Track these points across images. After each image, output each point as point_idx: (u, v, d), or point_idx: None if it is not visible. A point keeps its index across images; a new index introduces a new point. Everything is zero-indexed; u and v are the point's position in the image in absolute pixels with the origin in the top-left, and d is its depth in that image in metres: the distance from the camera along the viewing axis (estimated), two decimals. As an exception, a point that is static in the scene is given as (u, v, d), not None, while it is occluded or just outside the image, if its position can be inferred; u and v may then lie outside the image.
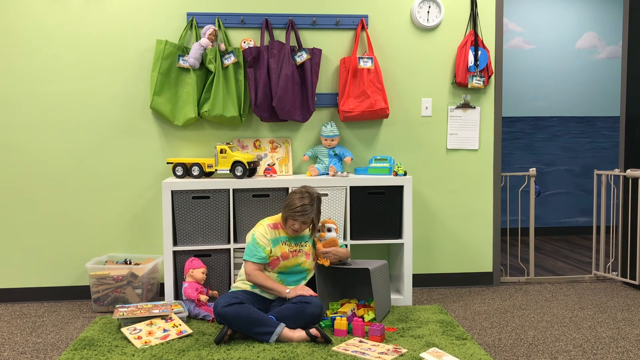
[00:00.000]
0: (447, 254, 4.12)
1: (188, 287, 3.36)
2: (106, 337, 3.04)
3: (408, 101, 4.01)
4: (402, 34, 3.98)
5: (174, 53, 3.73)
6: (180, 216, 3.54)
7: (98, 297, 3.57)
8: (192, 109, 3.72)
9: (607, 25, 6.26)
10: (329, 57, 3.93)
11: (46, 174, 3.80)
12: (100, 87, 3.80)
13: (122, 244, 3.88)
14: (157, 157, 3.87)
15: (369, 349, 2.82)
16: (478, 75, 3.93)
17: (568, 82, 6.29)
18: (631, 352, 2.86)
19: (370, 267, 3.24)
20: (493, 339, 3.07)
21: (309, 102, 3.80)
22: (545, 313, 3.51)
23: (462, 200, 4.09)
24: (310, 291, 3.08)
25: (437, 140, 4.05)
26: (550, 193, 6.39)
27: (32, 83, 3.75)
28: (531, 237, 4.42)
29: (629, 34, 4.24)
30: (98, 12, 3.77)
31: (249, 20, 3.83)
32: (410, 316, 3.37)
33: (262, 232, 3.17)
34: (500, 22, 4.05)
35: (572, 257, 5.22)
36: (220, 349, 2.84)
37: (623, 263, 4.24)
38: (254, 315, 2.91)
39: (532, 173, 4.37)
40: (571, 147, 6.40)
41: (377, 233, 3.71)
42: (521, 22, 6.17)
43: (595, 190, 4.47)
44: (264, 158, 3.88)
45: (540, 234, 6.26)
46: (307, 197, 3.12)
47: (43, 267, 3.83)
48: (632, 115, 4.22)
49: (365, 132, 4.00)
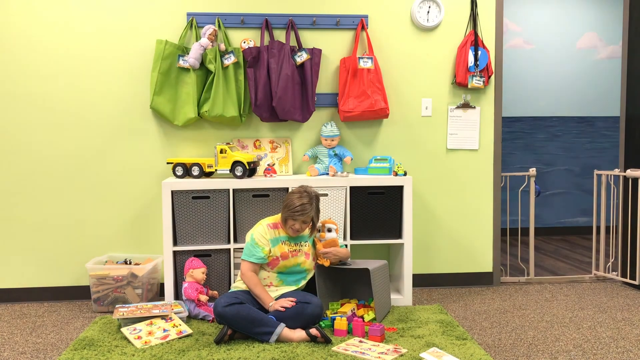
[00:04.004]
0: (447, 254, 4.12)
1: (188, 287, 3.36)
2: (106, 337, 3.04)
3: (408, 101, 4.01)
4: (402, 34, 3.98)
5: (174, 53, 3.73)
6: (180, 216, 3.54)
7: (98, 297, 3.57)
8: (192, 109, 3.72)
9: (607, 25, 6.26)
10: (329, 57, 3.93)
11: (46, 174, 3.80)
12: (100, 87, 3.80)
13: (122, 244, 3.88)
14: (157, 157, 3.87)
15: (369, 349, 2.82)
16: (478, 75, 3.93)
17: (568, 82, 6.29)
18: (631, 352, 2.86)
19: (370, 267, 3.24)
20: (493, 339, 3.07)
21: (309, 102, 3.80)
22: (545, 313, 3.51)
23: (462, 200, 4.09)
24: (290, 303, 3.00)
25: (437, 140, 4.05)
26: (550, 193, 6.39)
27: (32, 83, 3.75)
28: (531, 237, 4.42)
29: (629, 34, 4.24)
30: (98, 12, 3.77)
31: (249, 20, 3.83)
32: (410, 316, 3.37)
33: (262, 232, 3.17)
34: (500, 22, 4.05)
35: (572, 257, 5.22)
36: (220, 349, 2.84)
37: (623, 263, 4.24)
38: (254, 315, 2.91)
39: (532, 173, 4.37)
40: (571, 147, 6.40)
41: (377, 233, 3.71)
42: (521, 22, 6.17)
43: (595, 190, 4.47)
44: (264, 158, 3.88)
45: (540, 234, 6.26)
46: (305, 196, 3.12)
47: (43, 267, 3.83)
48: (632, 115, 4.22)
49: (365, 132, 4.00)
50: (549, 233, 6.36)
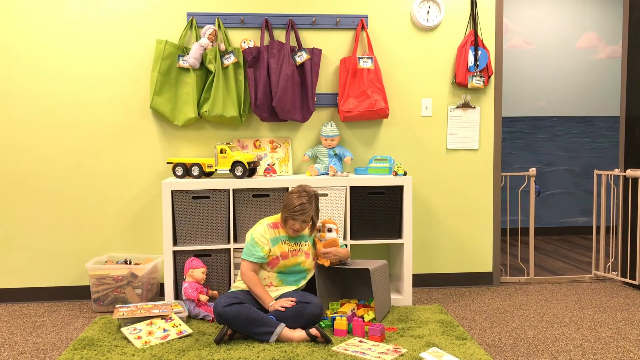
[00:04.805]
0: (447, 253, 4.12)
1: (188, 287, 3.36)
2: (106, 337, 3.04)
3: (408, 101, 4.01)
4: (402, 34, 3.98)
5: (174, 53, 3.73)
6: (180, 216, 3.54)
7: (98, 297, 3.57)
8: (192, 109, 3.72)
9: (607, 25, 6.27)
10: (329, 57, 3.93)
11: (46, 173, 3.80)
12: (100, 87, 3.80)
13: (122, 244, 3.88)
14: (157, 157, 3.87)
15: (369, 349, 2.82)
16: (478, 75, 3.93)
17: (568, 82, 6.29)
18: (631, 352, 2.86)
19: (370, 267, 3.24)
20: (493, 339, 3.07)
21: (309, 102, 3.80)
22: (545, 313, 3.51)
23: (462, 200, 4.09)
24: (290, 303, 3.00)
25: (437, 140, 4.05)
26: (550, 193, 6.39)
27: (32, 83, 3.75)
28: (531, 237, 4.42)
29: (629, 34, 4.24)
30: (98, 12, 3.77)
31: (249, 20, 3.83)
32: (410, 316, 3.37)
33: (262, 232, 3.17)
34: (500, 22, 4.05)
35: (572, 257, 5.22)
36: (220, 349, 2.84)
37: (623, 263, 4.24)
38: (254, 315, 2.91)
39: (532, 173, 4.37)
40: (571, 147, 6.40)
41: (377, 233, 3.70)
42: (521, 22, 6.17)
43: (595, 190, 4.47)
44: (264, 158, 3.88)
45: (540, 234, 6.26)
46: (304, 195, 3.12)
47: (43, 267, 3.83)
48: (632, 115, 4.22)
49: (365, 132, 4.00)
50: (549, 233, 6.36)
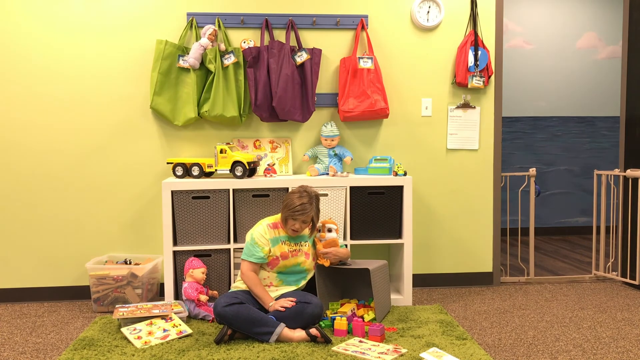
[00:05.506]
0: (447, 253, 4.12)
1: (188, 287, 3.36)
2: (106, 337, 3.04)
3: (408, 101, 4.01)
4: (402, 34, 3.98)
5: (174, 53, 3.73)
6: (180, 216, 3.54)
7: (98, 297, 3.57)
8: (192, 109, 3.72)
9: (607, 25, 6.27)
10: (329, 57, 3.93)
11: (46, 174, 3.80)
12: (100, 87, 3.80)
13: (122, 244, 3.88)
14: (157, 157, 3.87)
15: (369, 349, 2.82)
16: (478, 75, 3.93)
17: (568, 82, 6.29)
18: (631, 352, 2.86)
19: (370, 267, 3.24)
20: (493, 339, 3.07)
21: (309, 102, 3.80)
22: (545, 313, 3.51)
23: (462, 200, 4.09)
24: (290, 303, 3.01)
25: (437, 140, 4.05)
26: (550, 193, 6.39)
27: (32, 83, 3.75)
28: (531, 237, 4.42)
29: (629, 34, 4.24)
30: (98, 12, 3.77)
31: (249, 20, 3.83)
32: (410, 316, 3.37)
33: (262, 232, 3.17)
34: (500, 22, 4.05)
35: (572, 257, 5.22)
36: (220, 349, 2.84)
37: (623, 263, 4.24)
38: (254, 315, 2.91)
39: (532, 173, 4.37)
40: (571, 147, 6.40)
41: (377, 233, 3.70)
42: (521, 22, 6.17)
43: (595, 190, 4.47)
44: (264, 158, 3.88)
45: (540, 234, 6.26)
46: (305, 196, 3.12)
47: (43, 267, 3.83)
48: (632, 115, 4.22)
49: (365, 132, 4.00)
50: (549, 233, 6.36)
